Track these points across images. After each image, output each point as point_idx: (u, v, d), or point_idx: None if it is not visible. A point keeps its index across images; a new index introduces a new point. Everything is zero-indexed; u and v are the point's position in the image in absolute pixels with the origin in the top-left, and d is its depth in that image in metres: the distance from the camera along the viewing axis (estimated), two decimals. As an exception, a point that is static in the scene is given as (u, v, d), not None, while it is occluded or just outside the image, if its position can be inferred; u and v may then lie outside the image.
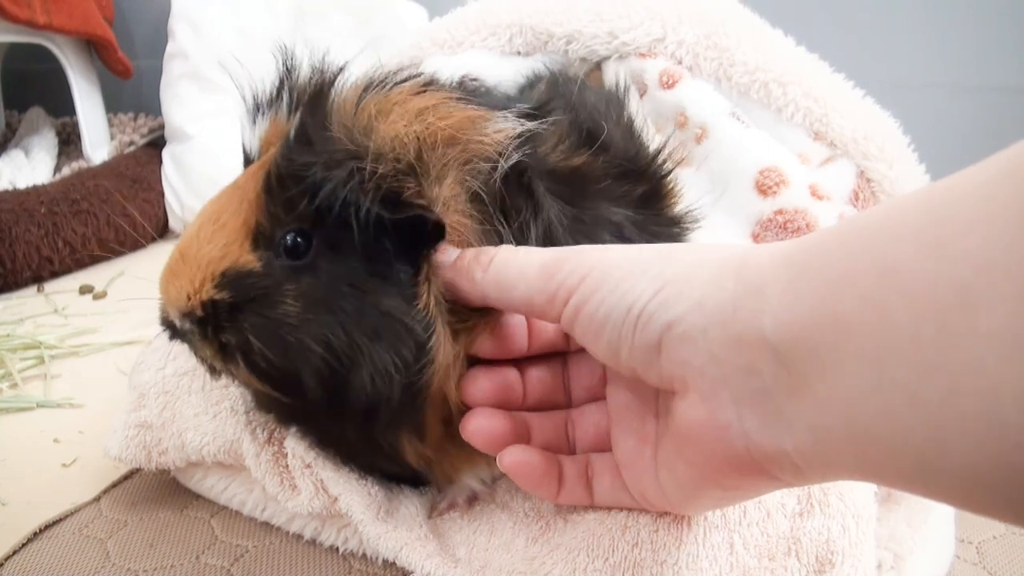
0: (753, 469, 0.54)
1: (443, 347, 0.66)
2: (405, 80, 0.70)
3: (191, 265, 0.68)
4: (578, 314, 0.60)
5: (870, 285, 0.43)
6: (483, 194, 0.67)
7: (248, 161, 0.77)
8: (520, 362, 0.72)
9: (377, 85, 0.69)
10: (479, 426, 0.68)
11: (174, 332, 0.72)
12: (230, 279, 0.67)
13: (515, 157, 0.67)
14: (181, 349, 0.94)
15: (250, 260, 0.67)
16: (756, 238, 0.95)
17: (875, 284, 0.43)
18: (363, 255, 0.66)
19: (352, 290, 0.65)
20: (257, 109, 0.76)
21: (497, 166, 0.66)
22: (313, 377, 0.66)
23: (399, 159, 0.63)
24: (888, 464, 0.44)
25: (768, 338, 0.49)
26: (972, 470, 0.39)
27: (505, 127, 0.67)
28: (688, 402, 0.56)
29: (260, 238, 0.68)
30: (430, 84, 0.71)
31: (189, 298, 0.67)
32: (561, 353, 0.73)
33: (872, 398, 0.43)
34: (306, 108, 0.68)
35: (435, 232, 0.66)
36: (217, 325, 0.67)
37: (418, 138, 0.64)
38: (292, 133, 0.67)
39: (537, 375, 0.72)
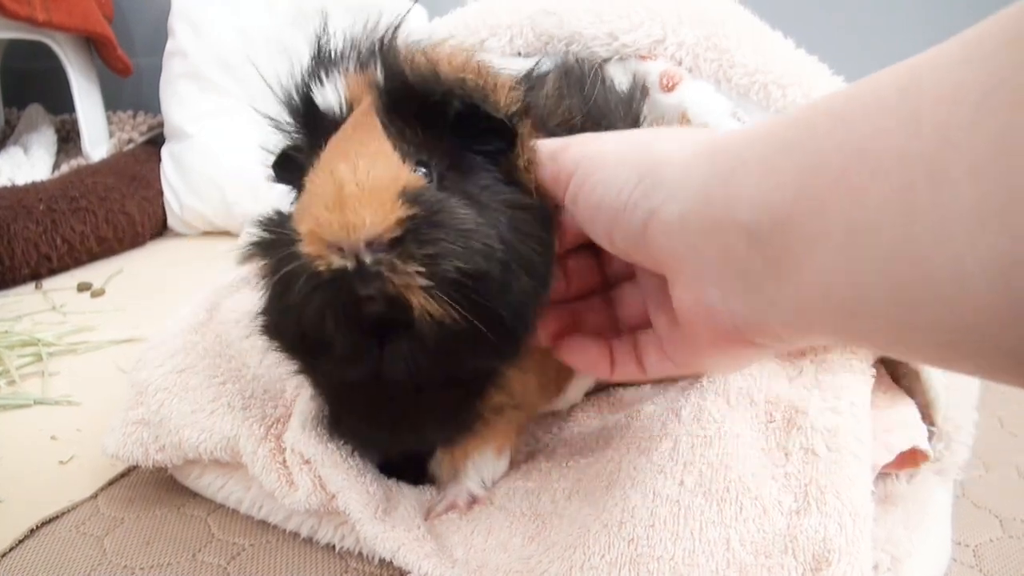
0: (744, 342, 0.57)
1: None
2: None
3: (371, 191, 0.62)
4: (577, 197, 0.63)
5: (843, 166, 0.44)
6: None
7: (333, 121, 0.73)
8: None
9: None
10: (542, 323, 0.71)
11: (348, 277, 0.63)
12: (410, 197, 0.63)
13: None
14: (181, 346, 0.95)
15: (418, 178, 0.65)
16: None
17: (848, 165, 0.44)
18: (473, 171, 0.69)
19: (483, 196, 0.68)
20: (320, 67, 0.76)
21: None
22: (499, 274, 0.64)
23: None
24: (865, 329, 0.47)
25: (744, 223, 0.50)
26: (942, 330, 0.41)
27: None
28: (678, 287, 0.58)
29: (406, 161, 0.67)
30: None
31: (384, 218, 0.62)
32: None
33: (847, 274, 0.45)
34: (386, 56, 0.73)
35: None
36: (418, 240, 0.62)
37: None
38: (380, 81, 0.70)
39: (574, 265, 0.74)
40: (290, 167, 0.76)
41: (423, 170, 0.67)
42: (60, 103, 2.50)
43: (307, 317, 0.64)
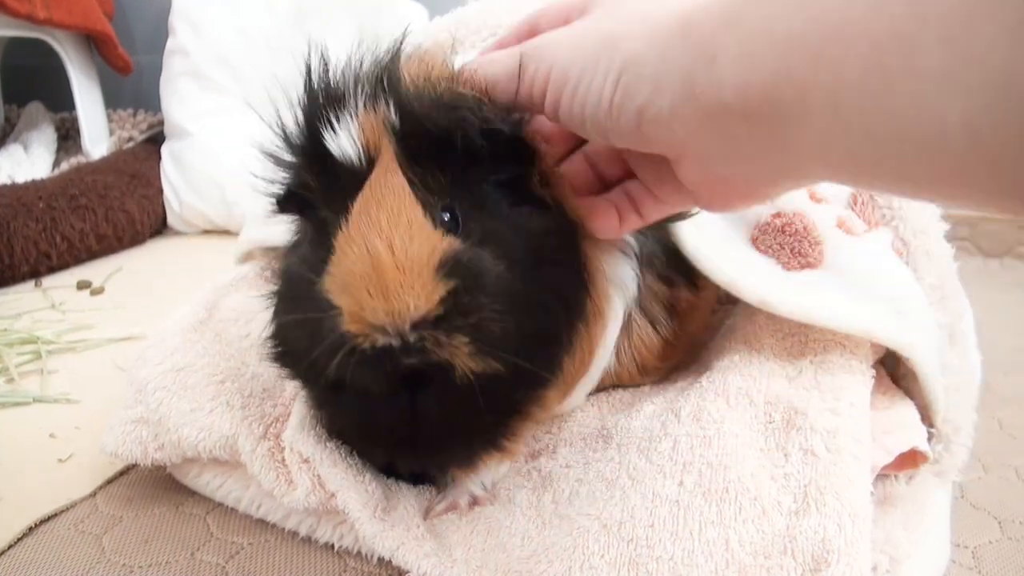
0: (758, 194, 0.63)
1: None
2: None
3: (411, 272, 0.63)
4: (557, 111, 0.64)
5: (820, 45, 0.46)
6: None
7: (350, 170, 0.71)
8: None
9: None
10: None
11: (384, 359, 0.63)
12: (448, 267, 0.64)
13: None
14: (180, 345, 0.95)
15: (452, 242, 0.65)
16: (755, 241, 0.95)
17: (825, 44, 0.46)
18: (494, 205, 0.70)
19: (508, 234, 0.69)
20: (328, 109, 0.73)
21: None
22: (534, 319, 0.67)
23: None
24: (861, 177, 0.53)
25: (733, 107, 0.52)
26: (928, 178, 0.45)
27: None
28: (685, 167, 0.61)
29: (434, 220, 0.67)
30: None
31: (428, 297, 0.62)
32: None
33: (837, 142, 0.48)
34: (394, 93, 0.70)
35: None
36: (461, 311, 0.63)
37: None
38: (395, 122, 0.69)
39: (551, 130, 0.73)
40: (295, 201, 0.77)
41: (449, 216, 0.68)
42: (60, 101, 2.49)
43: (342, 376, 0.64)
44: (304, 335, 0.67)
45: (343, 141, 0.70)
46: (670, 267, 0.88)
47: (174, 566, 0.82)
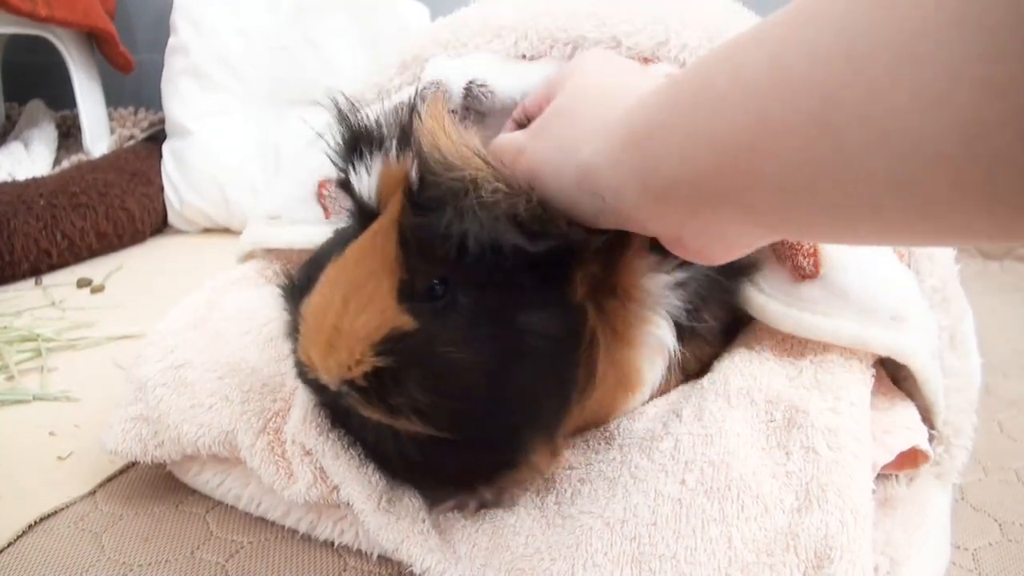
0: (740, 251, 0.67)
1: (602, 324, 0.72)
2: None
3: (349, 338, 0.68)
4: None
5: (753, 140, 0.50)
6: None
7: (364, 211, 0.76)
8: None
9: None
10: None
11: (320, 391, 0.74)
12: (389, 344, 0.68)
13: None
14: (180, 342, 0.95)
15: (406, 321, 0.68)
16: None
17: (757, 139, 0.49)
18: (499, 285, 0.69)
19: (494, 321, 0.69)
20: (354, 149, 0.77)
21: None
22: (480, 408, 0.69)
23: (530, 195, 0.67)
24: (819, 231, 0.59)
25: (688, 199, 0.57)
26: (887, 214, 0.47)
27: None
28: (665, 242, 0.66)
29: (405, 294, 0.70)
30: None
31: (350, 369, 0.68)
32: None
33: (791, 211, 0.52)
34: (419, 154, 0.69)
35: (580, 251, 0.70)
36: (383, 389, 0.68)
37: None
38: (414, 182, 0.70)
39: None
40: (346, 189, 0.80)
41: (441, 287, 0.69)
42: (61, 99, 2.49)
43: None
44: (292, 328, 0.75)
45: (362, 180, 0.75)
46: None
47: (174, 564, 0.82)
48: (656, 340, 0.78)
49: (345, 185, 0.78)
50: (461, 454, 0.72)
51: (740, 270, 0.83)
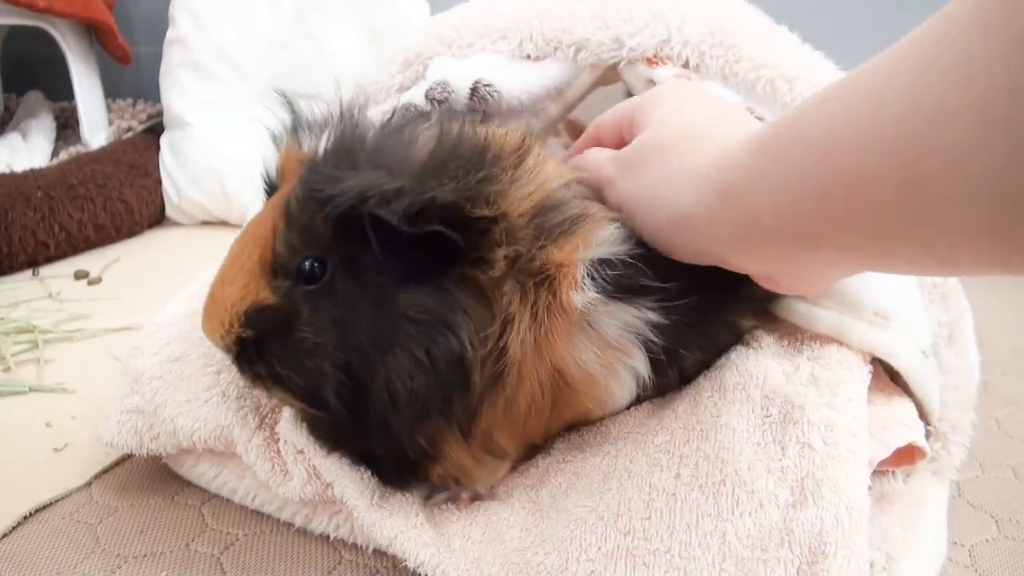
0: (825, 285, 0.76)
1: (519, 306, 0.70)
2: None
3: (219, 307, 0.74)
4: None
5: (843, 199, 0.53)
6: None
7: (271, 189, 0.82)
8: None
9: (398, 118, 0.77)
10: None
11: None
12: (251, 317, 0.73)
13: None
14: (176, 334, 0.95)
15: (267, 296, 0.73)
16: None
17: (846, 198, 0.52)
18: (381, 268, 0.69)
19: (369, 304, 0.69)
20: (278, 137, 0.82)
21: None
22: (333, 395, 0.70)
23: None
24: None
25: (785, 246, 0.61)
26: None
27: None
28: (756, 278, 0.72)
29: (279, 268, 0.73)
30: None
31: (222, 338, 0.74)
32: None
33: (878, 255, 0.57)
34: (333, 134, 0.73)
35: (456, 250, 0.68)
36: (249, 359, 0.74)
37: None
38: (318, 155, 0.73)
39: None
40: None
41: (317, 265, 0.71)
42: (60, 90, 2.48)
43: None
44: None
45: (272, 159, 0.81)
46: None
47: (168, 556, 0.82)
48: (624, 367, 0.77)
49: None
50: (363, 437, 0.74)
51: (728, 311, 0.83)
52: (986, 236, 0.46)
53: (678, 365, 0.82)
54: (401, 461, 0.76)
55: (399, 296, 0.69)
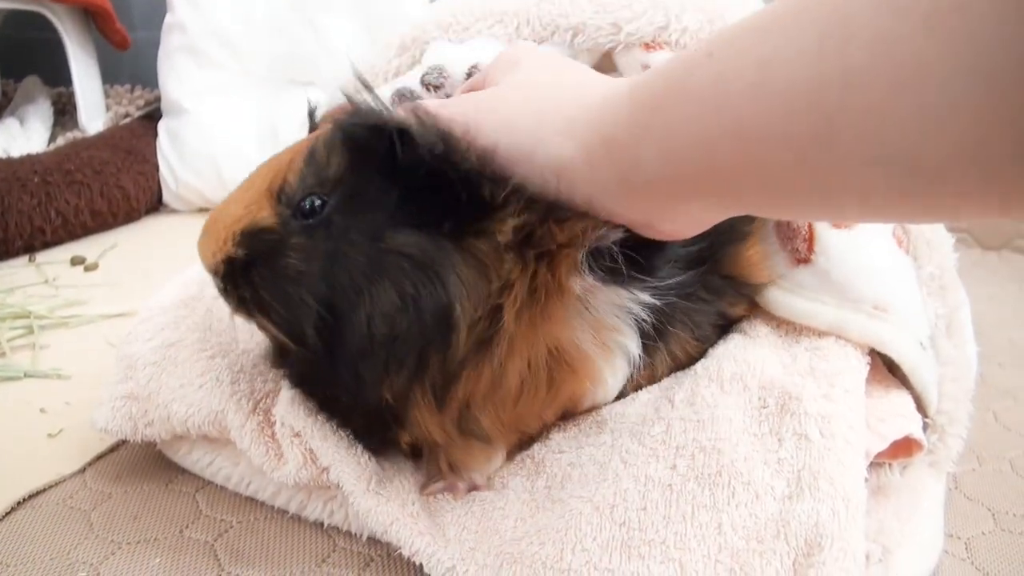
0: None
1: (519, 275, 0.69)
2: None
3: (218, 225, 0.74)
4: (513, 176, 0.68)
5: (742, 146, 0.52)
6: None
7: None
8: None
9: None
10: None
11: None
12: (246, 237, 0.73)
13: None
14: (171, 320, 0.94)
15: (266, 218, 0.73)
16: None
17: (746, 146, 0.51)
18: (386, 207, 0.69)
19: (365, 239, 0.69)
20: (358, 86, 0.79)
21: None
22: (311, 328, 0.70)
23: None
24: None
25: (668, 196, 0.61)
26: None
27: None
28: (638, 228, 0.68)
29: (283, 197, 0.73)
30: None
31: (213, 255, 0.74)
32: None
33: (773, 198, 0.55)
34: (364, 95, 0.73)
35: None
36: (235, 280, 0.74)
37: None
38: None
39: None
40: None
41: (319, 203, 0.71)
42: (57, 75, 2.48)
43: None
44: None
45: (315, 97, 0.82)
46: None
47: (162, 543, 0.81)
48: (617, 345, 0.76)
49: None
50: (323, 376, 0.75)
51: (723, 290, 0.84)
52: (887, 194, 0.47)
53: (667, 347, 0.81)
54: (369, 417, 0.76)
55: (396, 235, 0.68)
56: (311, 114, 0.86)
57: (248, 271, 0.73)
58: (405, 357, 0.69)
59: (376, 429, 0.77)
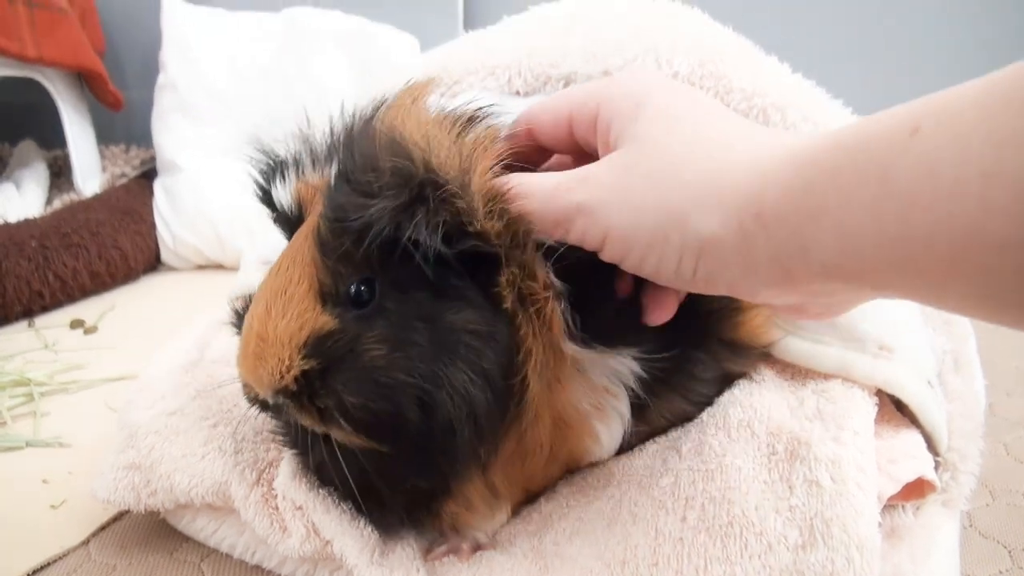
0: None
1: (533, 339, 0.68)
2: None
3: (274, 344, 0.69)
4: (622, 263, 0.63)
5: (923, 251, 0.47)
6: None
7: (286, 220, 0.79)
8: None
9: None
10: None
11: (266, 407, 0.73)
12: (313, 346, 0.68)
13: None
14: (171, 388, 0.93)
15: (327, 321, 0.68)
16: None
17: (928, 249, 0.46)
18: (426, 285, 0.67)
19: (422, 321, 0.67)
20: (275, 170, 0.78)
21: None
22: (414, 409, 0.66)
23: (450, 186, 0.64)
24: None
25: (836, 285, 0.54)
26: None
27: None
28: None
29: (328, 297, 0.69)
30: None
31: (282, 376, 0.68)
32: None
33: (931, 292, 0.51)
34: (344, 153, 0.70)
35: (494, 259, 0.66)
36: (312, 393, 0.68)
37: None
38: (332, 182, 0.69)
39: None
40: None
41: (364, 288, 0.68)
42: (52, 138, 2.49)
43: None
44: None
45: (282, 191, 0.77)
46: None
47: (168, 615, 0.80)
48: (612, 407, 0.76)
49: (266, 198, 0.80)
50: (396, 471, 0.71)
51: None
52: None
53: (662, 406, 0.81)
54: (411, 500, 0.74)
55: (448, 311, 0.66)
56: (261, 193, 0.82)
57: (326, 379, 0.67)
58: (484, 437, 0.68)
59: (419, 507, 0.75)
